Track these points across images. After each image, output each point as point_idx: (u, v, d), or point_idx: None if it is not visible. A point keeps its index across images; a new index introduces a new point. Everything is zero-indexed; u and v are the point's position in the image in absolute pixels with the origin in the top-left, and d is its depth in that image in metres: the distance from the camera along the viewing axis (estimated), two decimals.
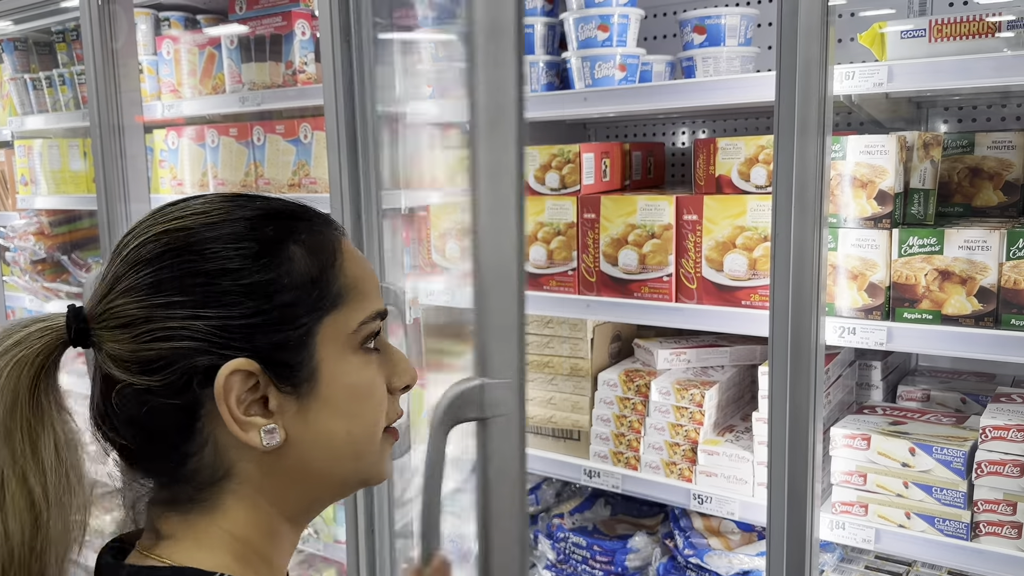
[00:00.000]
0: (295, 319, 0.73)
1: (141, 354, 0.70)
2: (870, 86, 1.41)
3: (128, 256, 0.72)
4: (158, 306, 0.70)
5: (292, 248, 0.74)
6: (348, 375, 0.76)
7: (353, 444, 0.77)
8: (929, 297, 1.45)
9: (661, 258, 1.72)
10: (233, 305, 0.71)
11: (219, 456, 0.73)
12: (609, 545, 1.87)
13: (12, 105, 3.00)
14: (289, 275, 0.73)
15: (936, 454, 1.47)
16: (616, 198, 1.80)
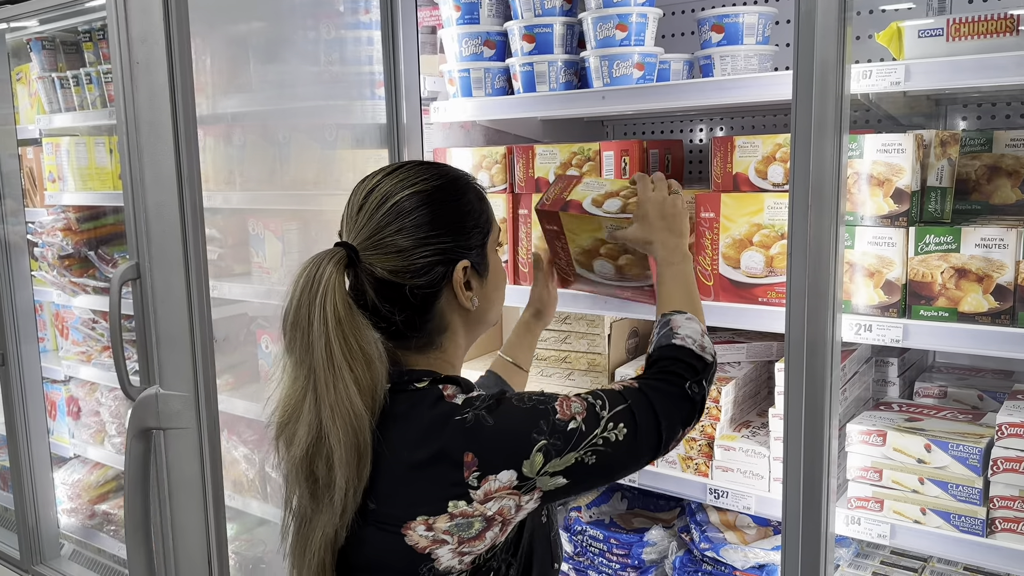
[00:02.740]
0: (482, 236, 1.26)
1: (411, 267, 1.17)
2: (887, 85, 1.42)
3: (392, 208, 1.18)
4: (423, 239, 1.18)
5: (471, 197, 1.26)
6: (497, 264, 1.31)
7: (498, 301, 1.34)
8: (945, 295, 1.46)
9: None
10: (459, 232, 1.22)
11: (443, 318, 1.23)
12: (626, 538, 1.89)
13: (40, 103, 3.06)
14: (480, 213, 1.26)
15: (952, 451, 1.48)
16: None
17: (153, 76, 1.51)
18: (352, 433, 1.11)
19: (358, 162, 2.11)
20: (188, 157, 1.53)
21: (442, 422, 1.13)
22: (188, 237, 1.53)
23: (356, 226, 1.18)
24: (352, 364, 1.11)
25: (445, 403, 1.16)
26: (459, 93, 2.03)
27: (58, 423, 3.23)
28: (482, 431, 1.11)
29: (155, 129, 1.52)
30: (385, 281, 1.16)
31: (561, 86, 1.92)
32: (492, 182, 1.99)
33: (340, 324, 1.11)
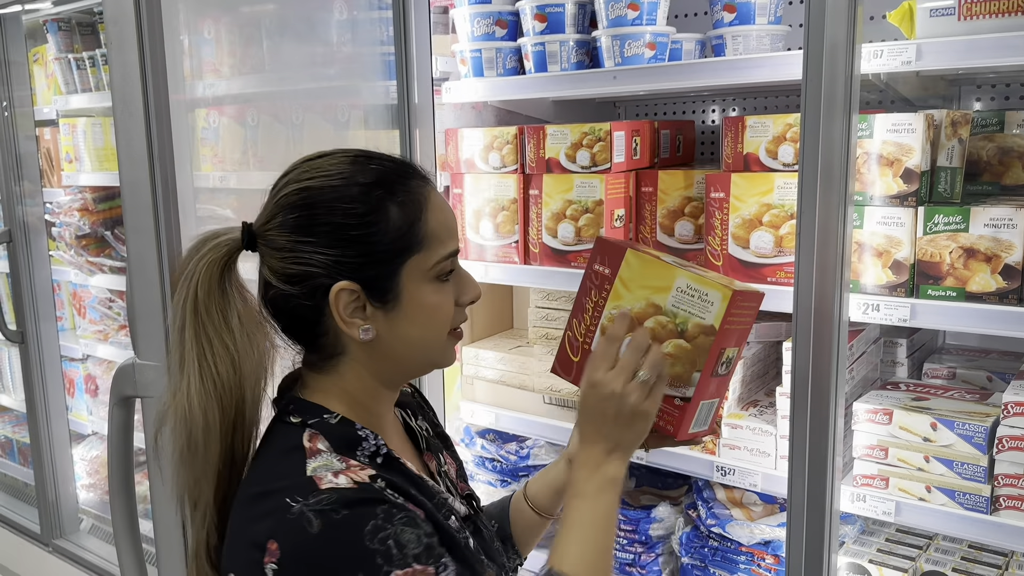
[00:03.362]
0: (387, 260, 1.01)
1: (286, 271, 1.00)
2: (898, 64, 1.42)
3: (281, 200, 1.01)
4: (298, 242, 0.99)
5: (391, 207, 1.01)
6: (423, 298, 1.04)
7: (423, 343, 1.07)
8: (953, 274, 1.46)
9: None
10: (346, 248, 1.00)
11: (337, 340, 1.04)
12: (633, 515, 1.92)
13: (57, 84, 3.09)
14: (386, 229, 1.01)
15: (958, 429, 1.49)
16: (673, 173, 1.88)
17: (125, 55, 1.54)
18: (185, 436, 0.98)
19: (371, 142, 2.13)
20: (159, 135, 1.55)
21: (272, 490, 0.94)
22: (159, 213, 1.55)
23: (263, 207, 1.04)
24: (207, 351, 0.98)
25: (291, 465, 0.96)
26: (471, 73, 2.04)
27: (76, 400, 3.29)
28: (297, 533, 0.89)
29: (127, 107, 1.55)
30: (265, 280, 1.03)
31: (573, 66, 1.92)
32: (503, 162, 2.01)
33: (196, 304, 0.99)
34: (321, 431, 1.01)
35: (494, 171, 2.03)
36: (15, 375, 3.43)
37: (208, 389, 0.98)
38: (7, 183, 3.03)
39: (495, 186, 2.02)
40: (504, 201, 2.01)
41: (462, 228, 2.10)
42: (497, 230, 2.04)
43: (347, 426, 1.03)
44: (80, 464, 3.27)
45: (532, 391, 2.08)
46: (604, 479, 1.08)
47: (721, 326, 1.10)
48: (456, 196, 2.11)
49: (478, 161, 2.05)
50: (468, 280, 1.10)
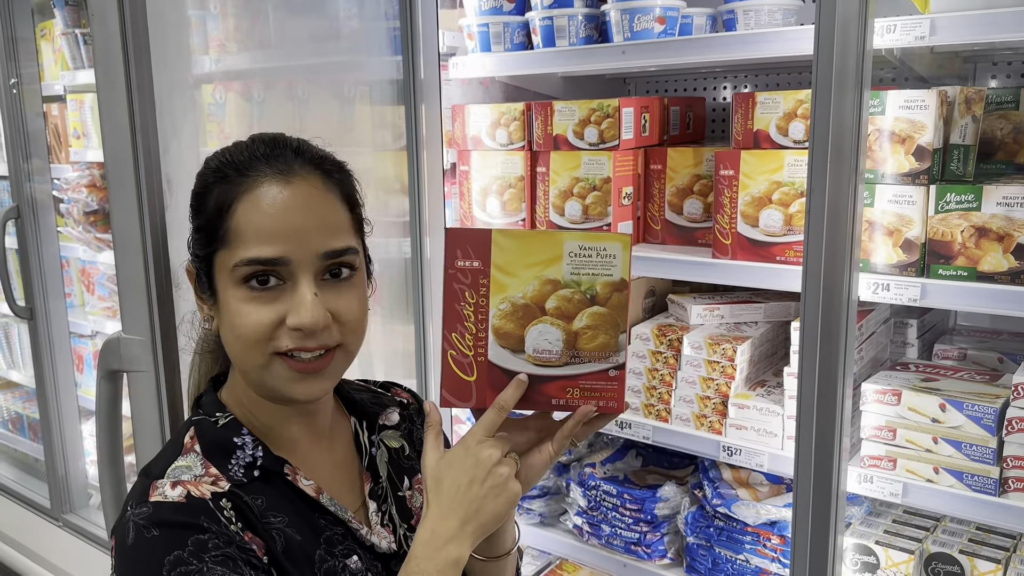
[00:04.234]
0: (201, 247, 0.99)
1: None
2: (911, 39, 1.39)
3: None
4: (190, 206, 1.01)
5: (214, 192, 0.96)
6: (229, 303, 0.96)
7: (237, 354, 0.99)
8: (965, 254, 1.44)
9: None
10: (192, 224, 1.00)
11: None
12: (639, 494, 1.91)
13: (64, 60, 3.07)
14: (203, 213, 0.97)
15: (967, 410, 1.48)
16: (682, 150, 1.86)
17: (107, 25, 1.52)
18: None
19: (376, 118, 2.11)
20: (142, 110, 1.53)
21: (139, 475, 0.97)
22: (142, 186, 1.54)
23: None
24: None
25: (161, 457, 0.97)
26: (478, 48, 2.02)
27: (86, 377, 3.30)
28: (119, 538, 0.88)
29: (109, 80, 1.53)
30: None
31: (581, 41, 1.90)
32: (511, 139, 1.99)
33: None
34: (199, 431, 0.99)
35: (501, 148, 2.01)
36: (24, 351, 3.45)
37: None
38: (15, 159, 3.02)
39: (502, 163, 2.00)
40: (511, 178, 1.99)
41: (468, 205, 2.09)
42: (504, 208, 2.02)
43: (229, 430, 0.99)
44: (89, 440, 3.28)
45: None
46: (447, 561, 0.92)
47: (629, 276, 1.04)
48: (463, 173, 2.09)
49: (485, 138, 2.03)
50: (300, 302, 0.94)
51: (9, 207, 3.05)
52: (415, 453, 1.17)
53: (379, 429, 1.15)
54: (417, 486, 1.14)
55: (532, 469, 1.03)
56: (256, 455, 0.97)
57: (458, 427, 2.27)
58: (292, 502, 0.98)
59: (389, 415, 1.17)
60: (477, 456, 0.96)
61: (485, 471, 0.95)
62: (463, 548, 0.94)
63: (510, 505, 0.97)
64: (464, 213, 2.11)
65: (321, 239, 0.95)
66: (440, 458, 0.98)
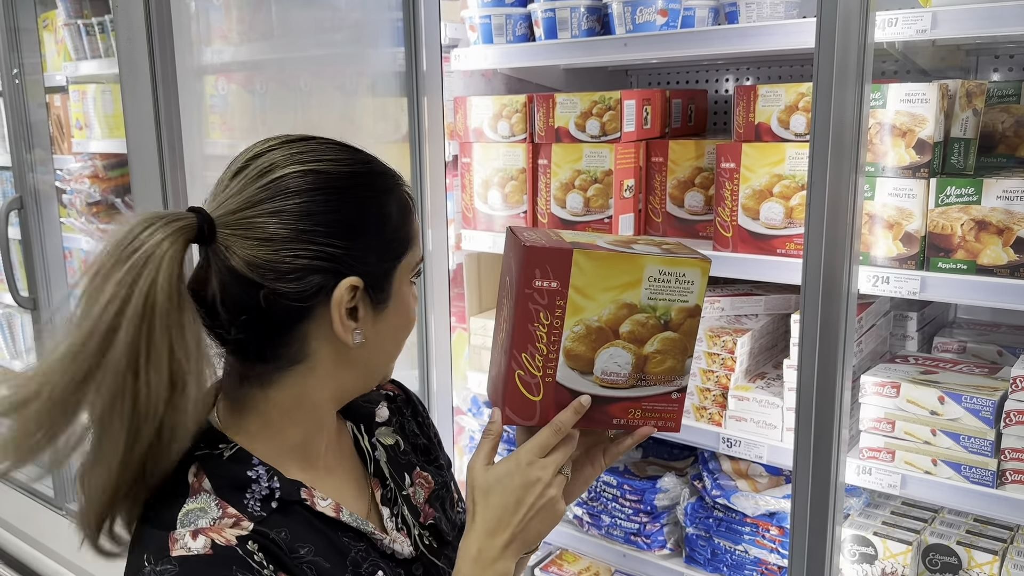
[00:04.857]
0: (391, 256, 0.94)
1: (279, 265, 0.86)
2: (913, 33, 1.40)
3: (273, 184, 0.88)
4: (302, 231, 0.87)
5: (391, 200, 0.94)
6: (405, 299, 0.98)
7: (397, 348, 1.01)
8: (965, 247, 1.45)
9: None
10: (357, 239, 0.90)
11: (303, 348, 0.91)
12: (639, 484, 1.93)
13: (66, 51, 3.08)
14: (390, 223, 0.94)
15: (965, 403, 1.48)
16: (683, 143, 1.87)
17: (131, 17, 1.52)
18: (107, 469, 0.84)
19: (379, 110, 2.12)
20: (166, 100, 1.54)
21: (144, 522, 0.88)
22: (166, 176, 1.55)
23: (224, 194, 0.89)
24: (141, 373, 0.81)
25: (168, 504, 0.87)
26: (480, 40, 2.02)
27: None
28: None
29: (133, 70, 1.54)
30: (239, 275, 0.86)
31: (583, 33, 1.90)
32: (512, 131, 1.99)
33: (151, 312, 0.80)
34: (205, 467, 0.90)
35: (503, 140, 2.01)
36: (27, 341, 3.46)
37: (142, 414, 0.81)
38: (18, 150, 3.03)
39: (504, 155, 2.01)
40: (513, 171, 2.00)
41: (470, 197, 2.09)
42: (506, 200, 2.03)
43: (239, 463, 0.91)
44: None
45: None
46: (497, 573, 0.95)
47: (703, 302, 1.02)
48: (464, 165, 2.09)
49: (487, 130, 2.03)
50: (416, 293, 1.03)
51: (12, 198, 3.06)
52: (410, 447, 1.14)
53: (375, 427, 1.12)
54: (418, 481, 1.11)
55: (579, 482, 1.06)
56: (272, 486, 0.91)
57: (459, 418, 2.28)
58: (314, 528, 0.93)
59: (379, 411, 1.14)
60: (528, 477, 0.96)
61: (535, 494, 0.96)
62: (509, 566, 0.96)
63: (554, 525, 0.99)
64: (465, 205, 2.11)
65: None
66: (490, 470, 0.97)
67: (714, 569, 1.84)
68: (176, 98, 1.56)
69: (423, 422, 1.20)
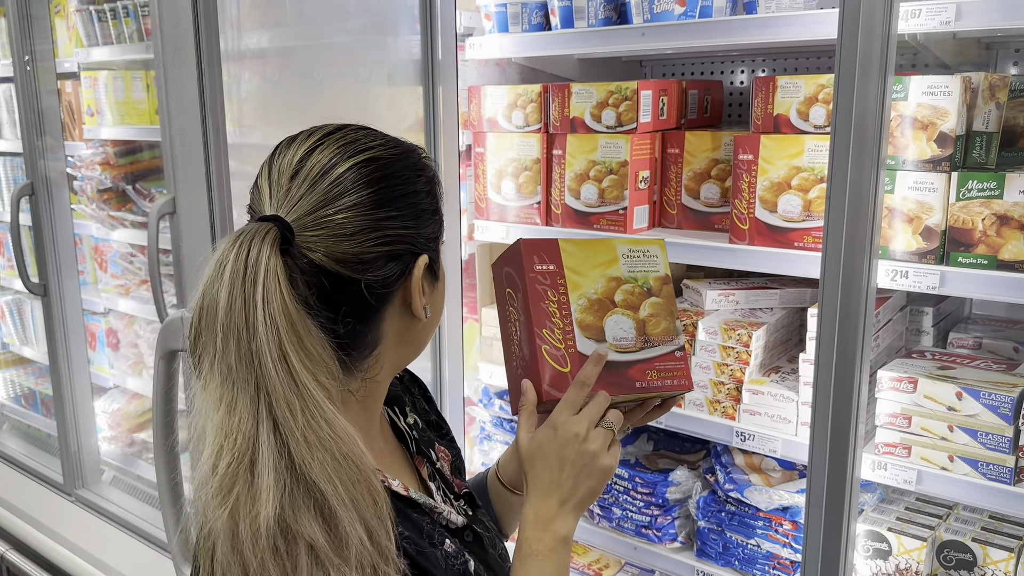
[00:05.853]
0: (438, 229, 1.00)
1: (364, 255, 0.89)
2: (936, 24, 1.38)
3: (339, 180, 0.90)
4: (380, 220, 0.90)
5: (429, 175, 0.98)
6: (444, 274, 1.04)
7: (440, 317, 1.05)
8: (985, 242, 1.43)
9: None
10: (424, 218, 0.96)
11: (378, 329, 0.95)
12: (651, 477, 1.92)
13: (78, 37, 3.07)
14: (434, 197, 0.99)
15: (983, 399, 1.47)
16: (700, 134, 1.86)
17: (177, 3, 1.52)
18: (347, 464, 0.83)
19: (394, 99, 2.11)
20: (211, 84, 1.54)
21: None
22: (211, 163, 1.54)
23: (290, 197, 0.89)
24: (317, 377, 0.84)
25: None
26: (495, 29, 2.01)
27: (98, 354, 3.32)
28: None
29: (179, 56, 1.53)
30: (328, 272, 0.88)
31: (600, 22, 1.88)
32: (527, 121, 1.98)
33: (294, 326, 0.83)
34: None
35: (517, 130, 2.00)
36: (38, 327, 3.47)
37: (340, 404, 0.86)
38: (29, 137, 3.03)
39: (518, 145, 1.99)
40: (527, 161, 1.99)
41: (483, 187, 2.08)
42: (519, 190, 2.01)
43: None
44: (102, 416, 3.31)
45: None
46: (556, 539, 0.99)
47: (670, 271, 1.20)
48: (478, 155, 2.08)
49: (501, 120, 2.02)
50: None
51: (23, 184, 3.06)
52: (424, 423, 1.18)
53: (401, 414, 1.14)
54: (440, 455, 1.15)
55: None
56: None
57: (470, 408, 2.27)
58: (397, 511, 0.91)
59: (396, 395, 1.17)
60: (564, 436, 1.00)
61: (574, 451, 0.99)
62: (569, 524, 1.00)
63: (603, 480, 1.02)
64: (479, 195, 2.10)
65: None
66: (532, 438, 1.02)
67: (725, 563, 1.84)
68: (220, 83, 1.56)
69: (428, 397, 1.25)
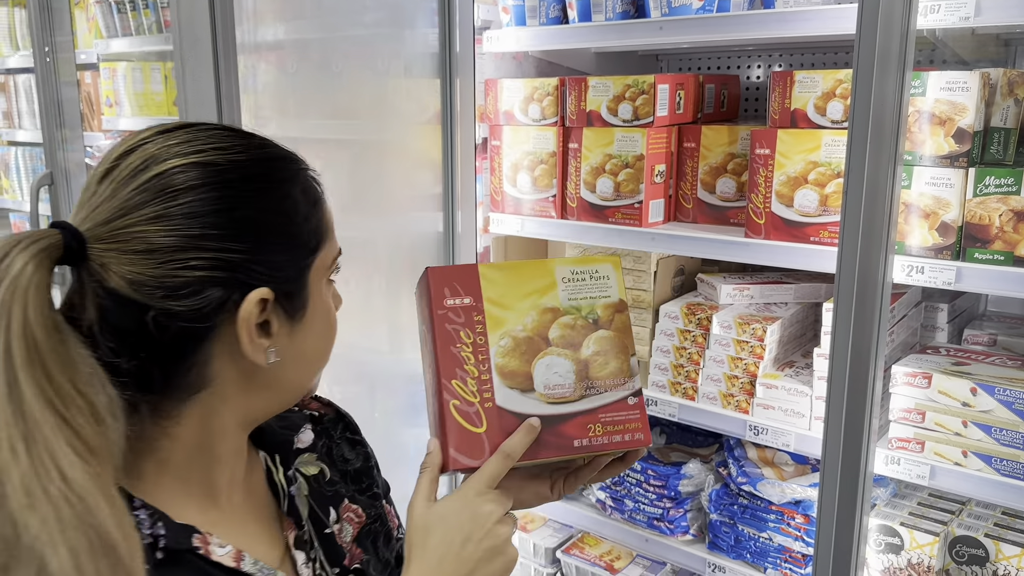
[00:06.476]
0: (303, 255, 0.81)
1: (168, 281, 0.72)
2: (956, 20, 1.38)
3: (151, 183, 0.73)
4: (193, 238, 0.73)
5: (296, 191, 0.81)
6: (324, 302, 0.85)
7: (320, 360, 0.88)
8: (1002, 238, 1.43)
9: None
10: (272, 243, 0.78)
11: (205, 371, 0.78)
12: (663, 470, 1.93)
13: (98, 28, 3.09)
14: (297, 215, 0.80)
15: (998, 395, 1.47)
16: (716, 128, 1.86)
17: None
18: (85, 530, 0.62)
19: (412, 92, 2.12)
20: (227, 76, 1.56)
21: None
22: None
23: (92, 201, 0.74)
24: (66, 414, 0.65)
25: None
26: (512, 22, 2.02)
27: None
28: None
29: (196, 48, 1.55)
30: (119, 297, 0.72)
31: (617, 16, 1.89)
32: (543, 115, 1.99)
33: (36, 350, 0.65)
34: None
35: (533, 123, 2.01)
36: None
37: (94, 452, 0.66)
38: (49, 127, 3.05)
39: (534, 138, 2.00)
40: (543, 154, 2.00)
41: (499, 181, 2.09)
42: (534, 183, 2.02)
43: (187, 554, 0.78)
44: None
45: None
46: None
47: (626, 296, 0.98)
48: (494, 148, 2.09)
49: (517, 113, 2.03)
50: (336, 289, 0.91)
51: (42, 174, 3.08)
52: (338, 473, 0.99)
53: (294, 456, 0.97)
54: (346, 516, 0.97)
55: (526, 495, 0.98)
56: (156, 533, 0.76)
57: None
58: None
59: (301, 436, 0.99)
60: (476, 510, 0.83)
61: (483, 530, 0.83)
62: None
63: (506, 571, 0.85)
64: (494, 188, 2.11)
65: None
66: (431, 507, 0.85)
67: (737, 556, 1.85)
68: (236, 75, 1.58)
69: (356, 441, 1.04)
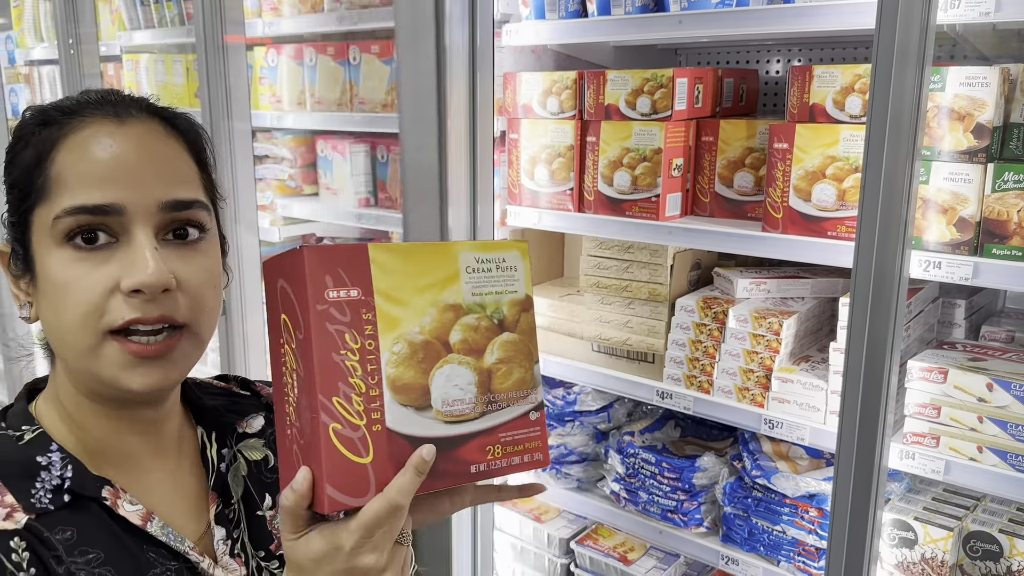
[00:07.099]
0: (15, 206, 0.82)
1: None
2: (976, 15, 1.38)
3: None
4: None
5: (23, 146, 0.81)
6: (51, 268, 0.78)
7: (63, 338, 0.80)
8: (1020, 234, 1.43)
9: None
10: (9, 193, 0.82)
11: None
12: (678, 463, 1.94)
13: (121, 20, 3.13)
14: (16, 167, 0.81)
15: (1014, 390, 1.47)
16: (734, 122, 1.87)
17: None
18: None
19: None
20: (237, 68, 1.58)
21: None
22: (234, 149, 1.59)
23: None
24: None
25: None
26: (532, 15, 2.02)
27: None
28: None
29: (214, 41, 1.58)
30: None
31: (637, 9, 1.89)
32: (561, 108, 2.00)
33: None
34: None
35: (551, 117, 2.02)
36: None
37: None
38: None
39: (552, 132, 2.01)
40: (560, 148, 2.01)
41: (516, 174, 2.11)
42: (552, 177, 2.04)
43: (34, 447, 0.81)
44: None
45: (581, 338, 2.10)
46: None
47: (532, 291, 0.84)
48: (512, 141, 2.10)
49: (536, 106, 2.04)
50: (138, 258, 0.77)
51: None
52: None
53: (238, 439, 0.98)
54: None
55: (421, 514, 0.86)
56: (65, 475, 0.79)
57: None
58: (112, 533, 0.81)
59: (250, 422, 1.00)
60: (352, 564, 0.72)
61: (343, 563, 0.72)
62: None
63: None
64: (512, 181, 2.13)
65: (162, 186, 0.79)
66: (303, 544, 0.73)
67: (751, 548, 1.86)
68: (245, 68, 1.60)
69: None
